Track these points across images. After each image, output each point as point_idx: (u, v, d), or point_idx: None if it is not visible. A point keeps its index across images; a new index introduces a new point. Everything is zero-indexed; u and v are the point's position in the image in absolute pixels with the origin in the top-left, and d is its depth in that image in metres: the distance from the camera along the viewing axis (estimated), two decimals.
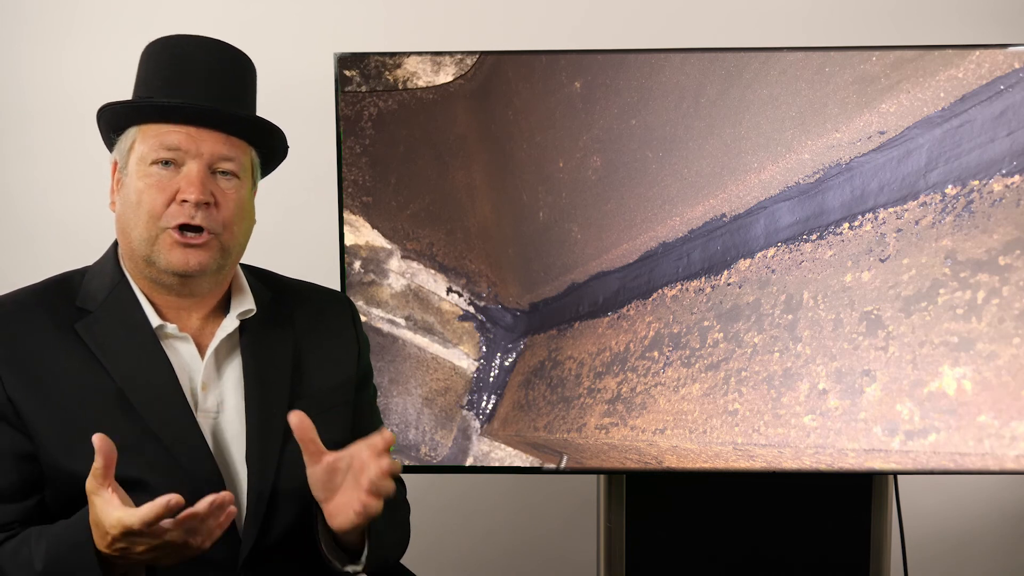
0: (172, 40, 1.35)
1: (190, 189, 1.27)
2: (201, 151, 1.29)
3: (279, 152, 1.42)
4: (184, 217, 1.28)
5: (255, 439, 1.33)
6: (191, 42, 1.34)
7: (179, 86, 1.31)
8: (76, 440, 1.26)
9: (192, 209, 1.28)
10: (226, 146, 1.31)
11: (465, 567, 2.41)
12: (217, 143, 1.30)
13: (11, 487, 1.28)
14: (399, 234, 1.84)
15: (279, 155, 1.43)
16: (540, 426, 1.86)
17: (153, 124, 1.30)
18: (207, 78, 1.32)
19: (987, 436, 1.80)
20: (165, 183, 1.29)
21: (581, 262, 1.84)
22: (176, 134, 1.29)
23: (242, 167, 1.33)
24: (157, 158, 1.29)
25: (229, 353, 1.37)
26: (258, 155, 1.38)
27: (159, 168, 1.29)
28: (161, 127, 1.29)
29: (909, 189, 1.77)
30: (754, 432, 1.82)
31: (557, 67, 1.79)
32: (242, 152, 1.33)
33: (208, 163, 1.30)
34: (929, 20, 2.25)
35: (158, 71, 1.33)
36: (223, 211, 1.31)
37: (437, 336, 1.86)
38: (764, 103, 1.78)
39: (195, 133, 1.29)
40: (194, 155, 1.29)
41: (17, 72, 2.25)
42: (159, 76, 1.32)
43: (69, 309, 1.32)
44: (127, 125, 1.32)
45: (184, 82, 1.31)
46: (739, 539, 1.95)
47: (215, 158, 1.30)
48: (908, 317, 1.79)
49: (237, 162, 1.32)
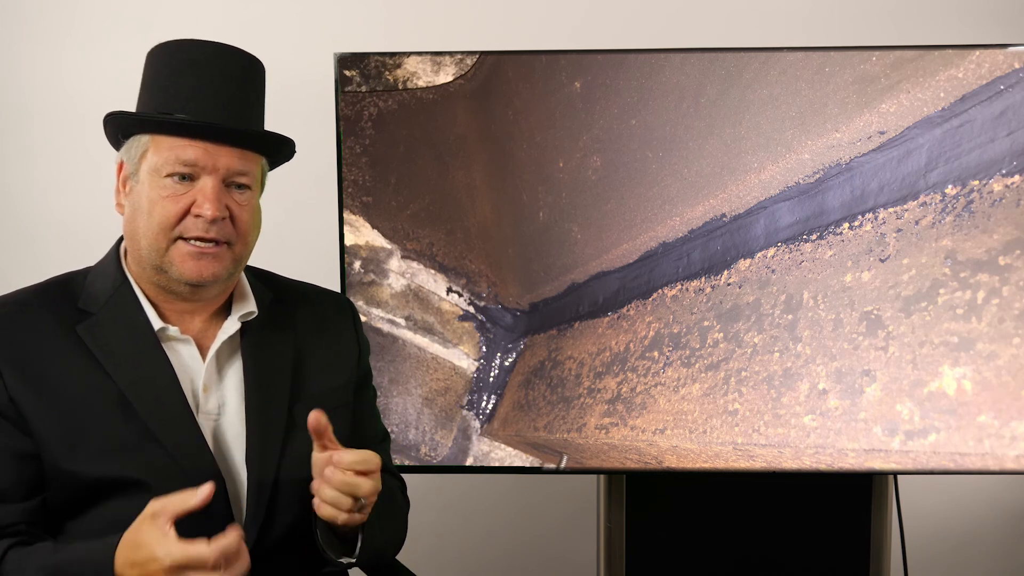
0: (186, 46, 1.33)
1: (206, 205, 1.27)
2: (217, 166, 1.29)
3: (284, 160, 1.43)
4: (199, 231, 1.28)
5: (255, 440, 1.33)
6: (206, 50, 1.33)
7: (197, 101, 1.30)
8: (77, 441, 1.26)
9: (207, 224, 1.28)
10: (241, 160, 1.31)
11: (465, 567, 2.41)
12: (233, 158, 1.30)
13: (12, 487, 1.27)
14: (399, 234, 1.84)
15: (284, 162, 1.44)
16: (540, 426, 1.86)
17: (169, 136, 1.30)
18: (225, 94, 1.31)
19: (987, 436, 1.80)
20: (180, 196, 1.28)
21: (581, 262, 1.84)
22: (193, 149, 1.28)
23: (254, 179, 1.34)
24: (173, 171, 1.28)
25: (231, 355, 1.37)
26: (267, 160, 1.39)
27: (174, 181, 1.29)
28: (177, 140, 1.29)
29: (909, 189, 1.77)
30: (754, 432, 1.82)
31: (557, 67, 1.79)
32: (254, 164, 1.34)
33: (223, 177, 1.30)
34: (929, 20, 2.25)
35: (173, 81, 1.31)
36: (239, 224, 1.32)
37: (437, 336, 1.86)
38: (764, 103, 1.78)
39: (212, 149, 1.29)
40: (210, 170, 1.29)
41: (17, 72, 2.25)
42: (175, 87, 1.31)
43: (71, 311, 1.32)
44: (137, 132, 1.32)
45: (202, 97, 1.30)
46: (739, 539, 1.95)
47: (231, 173, 1.30)
48: (908, 317, 1.79)
49: (251, 175, 1.33)
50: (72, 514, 1.29)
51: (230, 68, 1.33)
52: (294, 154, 1.42)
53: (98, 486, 1.26)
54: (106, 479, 1.26)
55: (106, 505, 1.27)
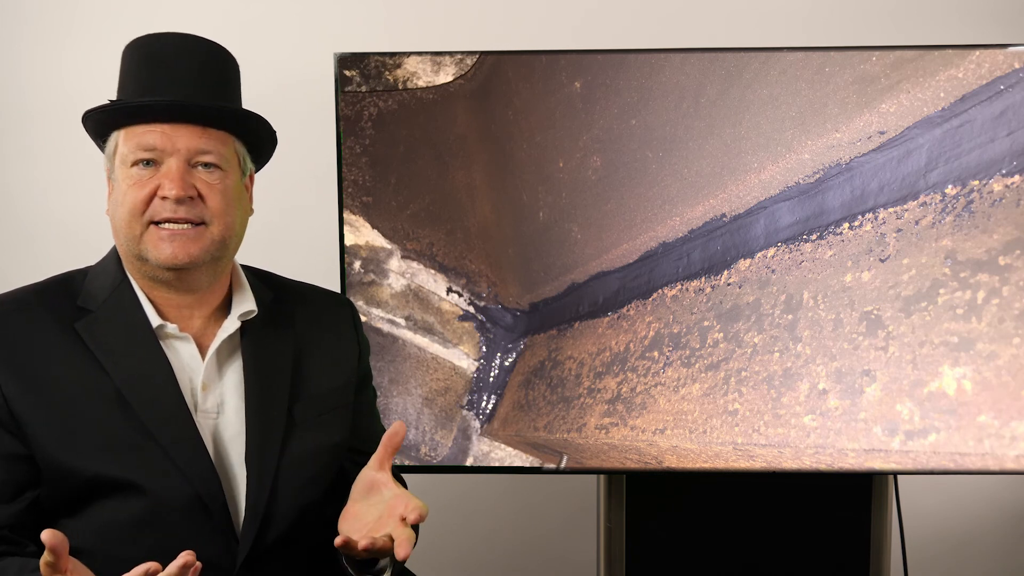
0: (145, 40, 1.36)
1: (169, 185, 1.28)
2: (178, 147, 1.30)
3: (265, 139, 1.41)
4: (167, 212, 1.29)
5: (254, 440, 1.33)
6: (164, 40, 1.35)
7: (151, 85, 1.31)
8: (74, 437, 1.26)
9: (173, 205, 1.29)
10: (203, 139, 1.31)
11: (465, 567, 2.41)
12: (193, 137, 1.31)
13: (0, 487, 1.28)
14: (399, 234, 1.84)
15: (266, 143, 1.42)
16: (540, 426, 1.86)
17: (131, 127, 1.31)
18: (179, 74, 1.32)
19: (987, 436, 1.80)
20: (145, 181, 1.30)
21: (581, 262, 1.84)
22: (152, 133, 1.29)
23: (223, 158, 1.33)
24: (136, 159, 1.30)
25: (230, 354, 1.37)
26: (245, 145, 1.38)
27: (139, 168, 1.30)
28: (138, 128, 1.30)
29: (909, 189, 1.77)
30: (754, 432, 1.82)
31: (557, 67, 1.79)
32: (221, 143, 1.33)
33: (186, 158, 1.30)
34: (929, 20, 2.25)
35: (131, 72, 1.34)
36: (210, 202, 1.31)
37: (437, 336, 1.86)
38: (764, 103, 1.78)
39: (170, 130, 1.30)
40: (171, 152, 1.30)
41: (17, 72, 2.25)
42: (132, 77, 1.33)
43: (70, 308, 1.33)
44: (109, 131, 1.34)
45: (156, 80, 1.32)
46: (739, 539, 1.95)
47: (192, 152, 1.31)
48: (908, 317, 1.79)
49: (216, 154, 1.32)
50: (69, 512, 1.29)
51: (187, 53, 1.34)
52: (273, 135, 1.41)
53: (94, 483, 1.26)
54: (102, 476, 1.26)
55: (102, 503, 1.27)
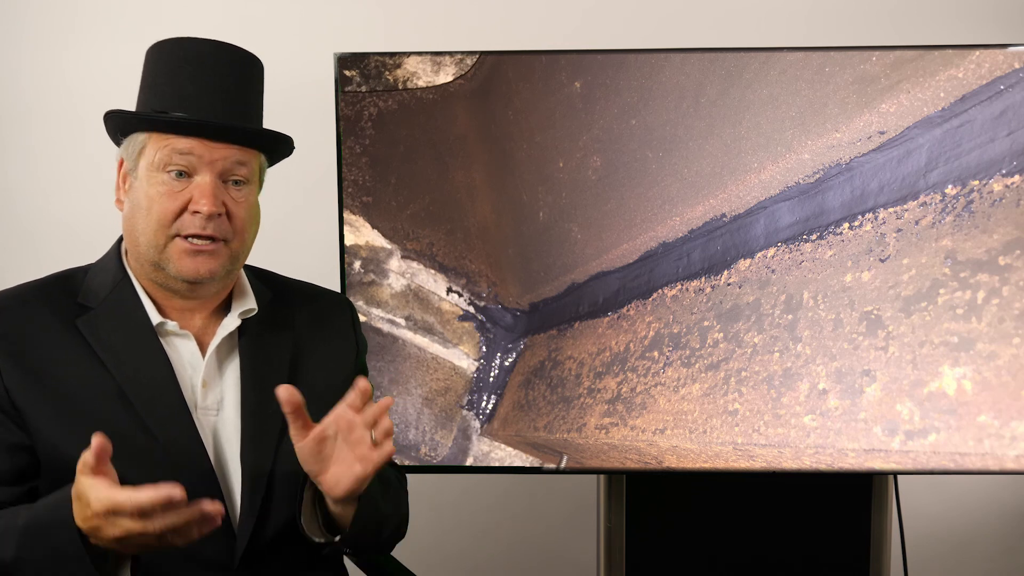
0: (183, 44, 1.34)
1: (203, 201, 1.28)
2: (214, 161, 1.29)
3: (284, 156, 1.43)
4: (196, 228, 1.29)
5: (250, 437, 1.33)
6: (203, 48, 1.33)
7: (194, 99, 1.30)
8: (76, 429, 1.26)
9: (204, 220, 1.29)
10: (239, 156, 1.32)
11: (465, 567, 2.41)
12: (230, 154, 1.31)
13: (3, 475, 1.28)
14: (399, 234, 1.84)
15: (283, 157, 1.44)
16: (540, 426, 1.86)
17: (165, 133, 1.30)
18: (222, 91, 1.31)
19: (987, 436, 1.80)
20: (177, 192, 1.29)
21: (581, 262, 1.84)
22: (188, 141, 1.29)
23: (252, 173, 1.34)
24: (169, 166, 1.29)
25: (230, 352, 1.38)
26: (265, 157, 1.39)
27: (171, 177, 1.29)
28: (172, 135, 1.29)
29: (909, 189, 1.77)
30: (754, 432, 1.82)
31: (557, 67, 1.79)
32: (252, 158, 1.34)
33: (220, 173, 1.30)
34: (929, 20, 2.25)
35: (171, 79, 1.32)
36: (236, 220, 1.32)
37: (437, 336, 1.86)
38: (764, 103, 1.78)
39: (209, 144, 1.29)
40: (207, 166, 1.29)
41: (18, 73, 2.25)
42: (172, 85, 1.31)
43: (71, 305, 1.33)
44: (136, 130, 1.32)
45: (199, 95, 1.30)
46: (739, 539, 1.95)
47: (227, 169, 1.31)
48: (908, 317, 1.79)
49: (248, 168, 1.33)
50: None
51: (227, 65, 1.33)
52: (292, 151, 1.43)
53: None
54: None
55: None
